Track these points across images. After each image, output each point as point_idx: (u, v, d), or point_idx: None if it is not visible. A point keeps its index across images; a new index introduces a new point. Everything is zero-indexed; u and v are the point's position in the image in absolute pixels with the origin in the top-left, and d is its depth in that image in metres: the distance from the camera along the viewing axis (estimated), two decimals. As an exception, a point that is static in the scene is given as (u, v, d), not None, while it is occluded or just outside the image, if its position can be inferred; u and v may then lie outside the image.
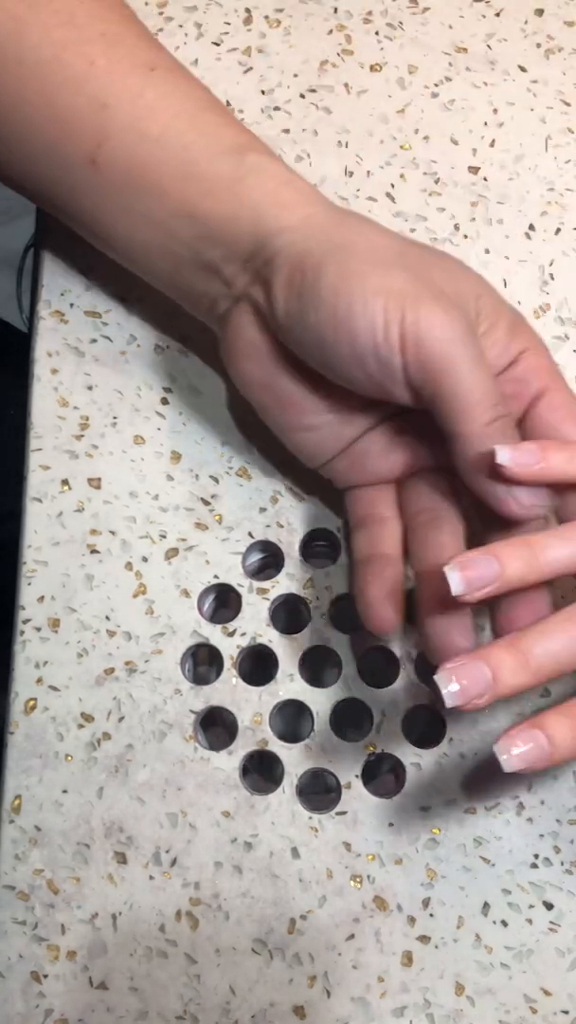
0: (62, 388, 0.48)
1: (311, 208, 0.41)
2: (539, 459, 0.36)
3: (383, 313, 0.37)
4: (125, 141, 0.42)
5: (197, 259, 0.43)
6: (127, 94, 0.42)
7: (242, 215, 0.41)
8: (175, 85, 0.43)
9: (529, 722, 0.35)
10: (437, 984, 0.42)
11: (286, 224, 0.40)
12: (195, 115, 0.42)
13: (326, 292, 0.38)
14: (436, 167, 0.52)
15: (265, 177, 0.41)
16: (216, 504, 0.47)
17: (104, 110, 0.42)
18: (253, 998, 0.42)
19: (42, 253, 0.50)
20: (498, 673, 0.35)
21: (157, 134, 0.42)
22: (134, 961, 0.42)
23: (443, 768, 0.44)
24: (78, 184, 0.43)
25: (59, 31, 0.42)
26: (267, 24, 0.54)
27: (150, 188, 0.42)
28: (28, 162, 0.44)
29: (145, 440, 0.47)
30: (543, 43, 0.54)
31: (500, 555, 0.36)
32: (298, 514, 0.47)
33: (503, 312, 0.40)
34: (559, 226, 0.51)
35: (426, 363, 0.37)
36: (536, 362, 0.40)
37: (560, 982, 0.42)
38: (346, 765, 0.44)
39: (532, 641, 0.35)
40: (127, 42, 0.43)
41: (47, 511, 0.46)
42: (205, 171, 0.41)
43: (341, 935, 0.42)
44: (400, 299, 0.37)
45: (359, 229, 0.40)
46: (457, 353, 0.37)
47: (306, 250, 0.39)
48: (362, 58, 0.53)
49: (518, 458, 0.36)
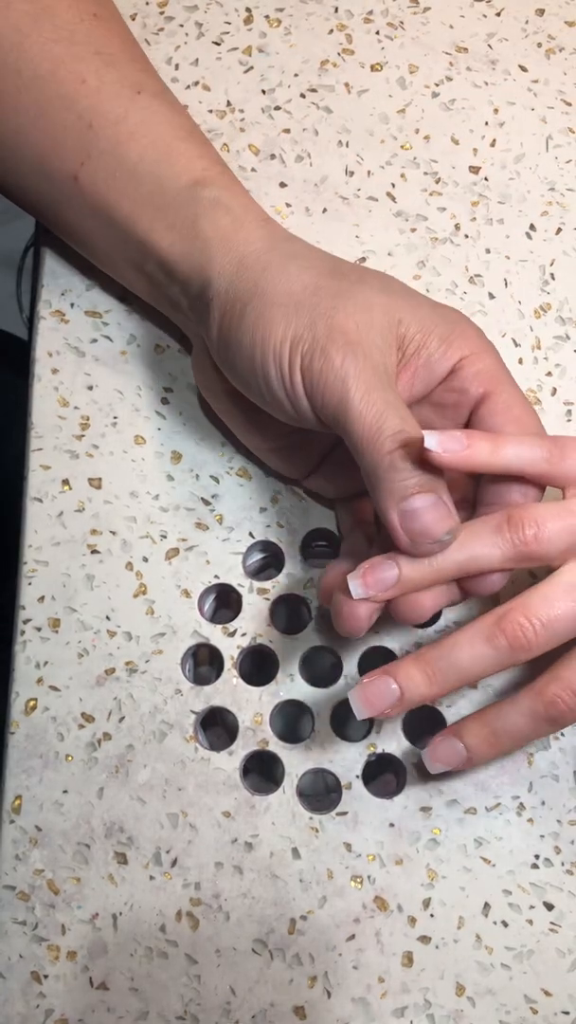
0: (62, 388, 0.48)
1: (249, 247, 0.42)
2: (464, 446, 0.38)
3: (287, 361, 0.39)
4: (105, 163, 0.44)
5: (163, 292, 0.45)
6: (111, 116, 0.44)
7: (194, 253, 0.42)
8: (157, 111, 0.44)
9: (450, 729, 0.40)
10: (438, 984, 0.42)
11: (223, 267, 0.42)
12: (171, 144, 0.44)
13: (245, 339, 0.40)
14: (437, 167, 0.52)
15: (220, 212, 0.42)
16: (216, 504, 0.47)
17: (89, 130, 0.44)
18: (253, 998, 0.42)
19: (42, 253, 0.50)
20: (405, 687, 0.38)
21: (134, 161, 0.43)
22: (134, 961, 0.42)
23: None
24: (62, 198, 0.45)
25: (58, 47, 0.44)
26: (268, 24, 0.54)
27: (123, 214, 0.44)
28: (17, 172, 0.46)
29: (145, 440, 0.47)
30: (544, 43, 0.54)
31: (399, 561, 0.38)
32: (298, 514, 0.47)
33: (433, 326, 0.40)
34: (560, 226, 0.51)
35: (326, 404, 0.39)
36: (476, 368, 0.40)
37: (560, 983, 0.42)
38: (346, 765, 0.44)
39: (437, 655, 0.38)
40: (120, 64, 0.45)
41: (47, 511, 0.46)
42: (171, 203, 0.43)
43: (341, 935, 0.42)
44: (300, 346, 0.39)
45: (281, 271, 0.41)
46: (348, 393, 0.38)
47: (234, 296, 0.41)
48: (363, 58, 0.53)
49: (445, 443, 0.37)
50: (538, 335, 0.49)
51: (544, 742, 0.44)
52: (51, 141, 0.44)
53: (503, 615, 0.38)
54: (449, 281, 0.50)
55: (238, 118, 0.52)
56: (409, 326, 0.40)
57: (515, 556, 0.38)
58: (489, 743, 0.40)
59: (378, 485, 0.38)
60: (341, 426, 0.38)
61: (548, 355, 0.49)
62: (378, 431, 0.37)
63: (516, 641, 0.37)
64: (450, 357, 0.40)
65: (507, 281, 0.50)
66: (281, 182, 0.51)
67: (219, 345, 0.42)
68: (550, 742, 0.44)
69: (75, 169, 0.44)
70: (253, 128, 0.52)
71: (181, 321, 0.46)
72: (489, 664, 0.38)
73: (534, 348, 0.49)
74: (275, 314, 0.39)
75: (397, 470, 0.37)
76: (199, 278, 0.42)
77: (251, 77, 0.53)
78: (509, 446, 0.38)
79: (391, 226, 0.51)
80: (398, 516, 0.37)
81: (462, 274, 0.50)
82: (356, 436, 0.38)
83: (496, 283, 0.50)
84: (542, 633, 0.37)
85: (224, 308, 0.41)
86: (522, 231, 0.51)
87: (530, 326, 0.49)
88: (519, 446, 0.39)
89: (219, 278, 0.41)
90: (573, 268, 0.50)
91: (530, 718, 0.39)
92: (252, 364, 0.40)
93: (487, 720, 0.40)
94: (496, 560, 0.38)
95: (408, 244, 0.50)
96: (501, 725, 0.39)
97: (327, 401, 0.38)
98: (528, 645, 0.38)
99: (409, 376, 0.40)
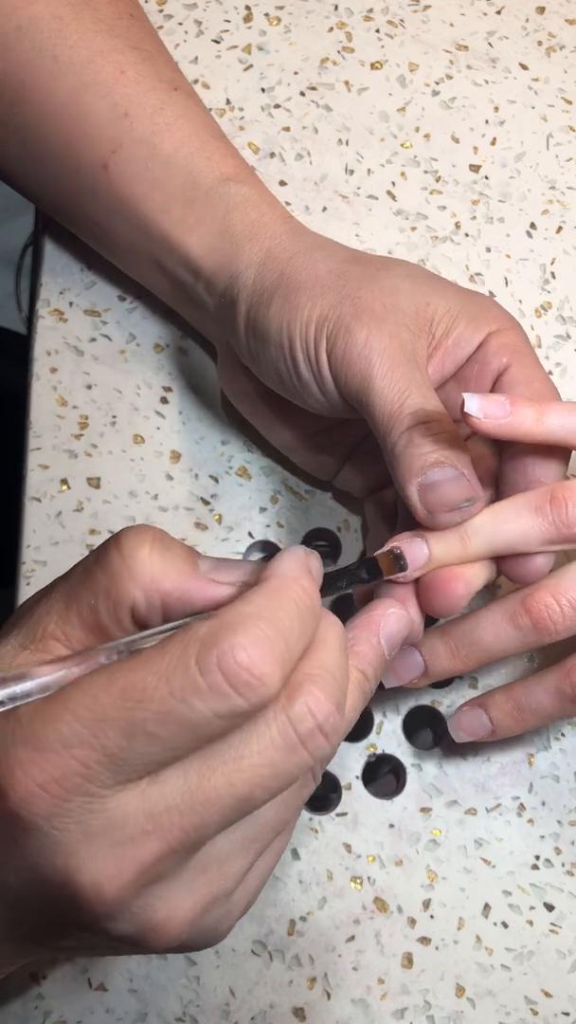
0: (61, 387, 0.48)
1: (276, 240, 0.42)
2: (507, 412, 0.36)
3: (314, 341, 0.39)
4: (138, 152, 0.43)
5: (186, 293, 0.44)
6: (148, 107, 0.44)
7: (222, 247, 0.42)
8: (191, 108, 0.45)
9: (476, 700, 0.40)
10: (437, 986, 0.42)
11: (250, 260, 0.41)
12: (206, 140, 0.44)
13: (272, 326, 0.40)
14: (437, 165, 0.51)
15: (250, 207, 0.42)
16: (216, 504, 0.46)
17: (124, 119, 0.43)
18: (253, 1000, 0.42)
19: (41, 251, 0.50)
20: (429, 660, 0.38)
21: (168, 152, 0.43)
22: (133, 962, 0.42)
23: (443, 769, 0.44)
24: (87, 188, 0.44)
25: (98, 37, 0.44)
26: (267, 21, 0.54)
27: (151, 206, 0.43)
28: (44, 160, 0.45)
29: (144, 439, 0.47)
30: (544, 41, 0.54)
31: (427, 538, 0.37)
32: (298, 514, 0.47)
33: (461, 309, 0.40)
34: (560, 224, 0.51)
35: (350, 382, 0.38)
36: (500, 341, 0.39)
37: (561, 984, 0.42)
38: (346, 766, 0.44)
39: (461, 632, 0.38)
40: (156, 60, 0.45)
41: (46, 511, 0.46)
42: (202, 197, 0.43)
43: (341, 936, 0.42)
44: (326, 325, 0.38)
45: (307, 258, 0.41)
46: (371, 370, 0.37)
47: (261, 287, 0.41)
48: (363, 56, 0.53)
49: (487, 407, 0.36)
50: (539, 334, 0.49)
51: (545, 742, 0.44)
52: (82, 128, 0.44)
53: (529, 594, 0.37)
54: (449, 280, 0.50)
55: (238, 116, 0.52)
56: (437, 308, 0.40)
57: (557, 537, 0.36)
58: (513, 717, 0.39)
59: (397, 462, 0.37)
60: (364, 405, 0.38)
61: (549, 354, 0.49)
62: (399, 408, 0.37)
63: (540, 622, 0.37)
64: (477, 334, 0.40)
65: (507, 280, 0.50)
66: (281, 180, 0.51)
67: (246, 339, 0.41)
68: (551, 742, 0.44)
69: (105, 157, 0.44)
70: (253, 126, 0.52)
71: (204, 325, 0.46)
72: (511, 644, 0.37)
73: (535, 347, 0.49)
74: (301, 297, 0.39)
75: (416, 446, 0.36)
76: (225, 273, 0.42)
77: (251, 75, 0.53)
78: (554, 413, 0.36)
79: (391, 224, 0.50)
80: (416, 490, 0.36)
81: (462, 273, 0.50)
82: (377, 413, 0.37)
83: (496, 282, 0.50)
84: (570, 615, 0.36)
85: (251, 300, 0.41)
86: (523, 230, 0.51)
87: (531, 325, 0.49)
88: (566, 414, 0.36)
89: (247, 270, 0.41)
90: (574, 267, 0.50)
91: (555, 696, 0.39)
92: (281, 350, 0.39)
93: (513, 694, 0.39)
94: (535, 540, 0.36)
95: (408, 243, 0.50)
96: (526, 701, 0.39)
97: (351, 379, 0.38)
98: (553, 627, 0.37)
99: (440, 357, 0.40)
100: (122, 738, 0.27)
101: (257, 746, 0.28)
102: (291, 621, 0.29)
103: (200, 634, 0.28)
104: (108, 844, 0.28)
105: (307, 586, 0.30)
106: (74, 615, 0.30)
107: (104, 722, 0.27)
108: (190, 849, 0.29)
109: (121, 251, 0.46)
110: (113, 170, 0.44)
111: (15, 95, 0.44)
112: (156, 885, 0.29)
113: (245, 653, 0.27)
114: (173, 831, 0.28)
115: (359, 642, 0.34)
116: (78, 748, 0.27)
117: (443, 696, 0.45)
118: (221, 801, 0.28)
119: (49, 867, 0.28)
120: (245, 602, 0.28)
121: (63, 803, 0.27)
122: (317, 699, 0.29)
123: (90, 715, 0.27)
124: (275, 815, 0.31)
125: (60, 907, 0.29)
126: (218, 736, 0.28)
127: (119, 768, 0.27)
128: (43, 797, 0.27)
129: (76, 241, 0.49)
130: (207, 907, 0.30)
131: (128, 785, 0.28)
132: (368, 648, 0.34)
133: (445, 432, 0.37)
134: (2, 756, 0.28)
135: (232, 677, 0.27)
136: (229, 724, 0.28)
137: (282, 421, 0.44)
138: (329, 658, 0.30)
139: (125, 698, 0.27)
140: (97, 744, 0.27)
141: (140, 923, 0.29)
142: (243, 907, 0.32)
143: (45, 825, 0.27)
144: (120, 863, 0.28)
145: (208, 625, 0.28)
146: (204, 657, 0.27)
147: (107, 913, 0.28)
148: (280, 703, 0.29)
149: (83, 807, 0.27)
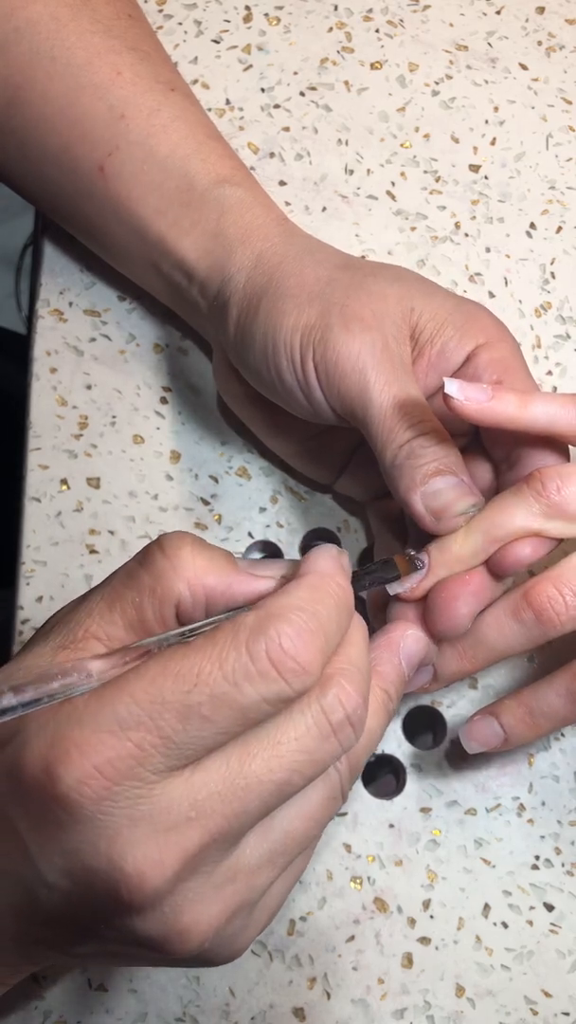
0: (61, 387, 0.48)
1: (267, 243, 0.42)
2: (488, 396, 0.36)
3: (299, 351, 0.39)
4: (134, 154, 0.43)
5: (181, 295, 0.44)
6: (145, 109, 0.44)
7: (215, 250, 0.42)
8: (188, 109, 0.45)
9: (487, 709, 0.40)
10: (437, 986, 0.42)
11: (241, 263, 0.41)
12: (202, 142, 0.44)
13: (258, 332, 0.40)
14: (437, 165, 0.51)
15: (245, 210, 0.42)
16: (215, 504, 0.46)
17: (120, 120, 0.43)
18: (252, 1000, 0.42)
19: (41, 251, 0.50)
20: (437, 664, 0.38)
21: (164, 154, 0.43)
22: (133, 963, 0.42)
23: (443, 770, 0.44)
24: (84, 189, 0.44)
25: (95, 38, 0.44)
26: (267, 21, 0.54)
27: (146, 209, 0.43)
28: (41, 162, 0.45)
29: (144, 440, 0.47)
30: (544, 41, 0.54)
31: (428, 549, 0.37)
32: (298, 514, 0.47)
33: (448, 317, 0.40)
34: (560, 224, 0.51)
35: (343, 395, 0.38)
36: (491, 355, 0.39)
37: (561, 984, 0.42)
38: (346, 766, 0.44)
39: (467, 633, 0.38)
40: (154, 61, 0.45)
41: (46, 511, 0.46)
42: (197, 199, 0.43)
43: (341, 937, 0.42)
44: (312, 334, 0.38)
45: (295, 264, 0.41)
46: (368, 384, 0.38)
47: (251, 291, 0.41)
48: (362, 56, 0.53)
49: (467, 390, 0.36)
50: (538, 334, 0.49)
51: (545, 742, 0.44)
52: (79, 130, 0.44)
53: (531, 586, 0.37)
54: (449, 280, 0.50)
55: (237, 116, 0.52)
56: (422, 314, 0.39)
57: (540, 512, 0.36)
58: (526, 723, 0.39)
59: (398, 474, 0.37)
60: (359, 418, 0.38)
61: (549, 354, 0.49)
62: (397, 422, 0.37)
63: (543, 613, 0.36)
64: (465, 345, 0.39)
65: (507, 280, 0.50)
66: (280, 180, 0.51)
67: (235, 343, 0.41)
68: (551, 742, 0.44)
69: (102, 159, 0.44)
70: (252, 126, 0.52)
71: (200, 326, 0.46)
72: (516, 640, 0.37)
73: (534, 347, 0.49)
74: (287, 305, 0.39)
75: (416, 457, 0.37)
76: (218, 277, 0.42)
77: (250, 75, 0.53)
78: (538, 402, 0.37)
79: (391, 225, 0.50)
80: (421, 499, 0.37)
81: (462, 273, 0.50)
82: (375, 428, 0.37)
83: (496, 282, 0.50)
84: (573, 605, 0.36)
85: (241, 305, 0.41)
86: (522, 230, 0.51)
87: (530, 325, 0.49)
88: (549, 403, 0.37)
89: (238, 274, 0.41)
90: (573, 267, 0.50)
91: (567, 698, 0.38)
92: (264, 355, 0.40)
93: (523, 699, 0.39)
94: (519, 520, 0.37)
95: (408, 243, 0.50)
96: (537, 705, 0.39)
97: (344, 391, 0.38)
98: (556, 618, 0.36)
99: (424, 366, 0.40)
100: (177, 721, 0.28)
101: (294, 732, 0.29)
102: (329, 615, 0.30)
103: (248, 623, 0.29)
104: (153, 831, 0.28)
105: (343, 583, 0.31)
106: (117, 615, 0.30)
107: (162, 704, 0.28)
108: (230, 840, 0.29)
109: (118, 253, 0.46)
110: (109, 172, 0.44)
111: (13, 96, 0.44)
112: (191, 881, 0.29)
113: (291, 641, 0.28)
114: (215, 818, 0.29)
115: (381, 662, 0.35)
116: (135, 730, 0.28)
117: (443, 696, 0.45)
118: (261, 786, 0.29)
119: (92, 852, 0.28)
120: (287, 595, 0.30)
121: (114, 786, 0.28)
122: (347, 692, 0.30)
123: (148, 697, 0.28)
124: (303, 829, 0.31)
125: (97, 897, 0.29)
126: (260, 722, 0.29)
127: (171, 752, 0.28)
128: (97, 779, 0.27)
129: (76, 241, 0.49)
130: (231, 916, 0.30)
131: (175, 772, 0.28)
132: (391, 668, 0.35)
133: (442, 441, 0.37)
134: (56, 739, 0.28)
135: (279, 664, 0.28)
136: (273, 710, 0.29)
137: (274, 426, 0.44)
138: (356, 654, 0.31)
139: (181, 682, 0.28)
140: (154, 726, 0.28)
141: (167, 925, 0.29)
142: (262, 923, 0.32)
143: (93, 809, 0.28)
144: (164, 850, 0.28)
145: (255, 615, 0.29)
146: (254, 644, 0.28)
147: (144, 904, 0.28)
148: (314, 693, 0.30)
149: (131, 792, 0.28)
